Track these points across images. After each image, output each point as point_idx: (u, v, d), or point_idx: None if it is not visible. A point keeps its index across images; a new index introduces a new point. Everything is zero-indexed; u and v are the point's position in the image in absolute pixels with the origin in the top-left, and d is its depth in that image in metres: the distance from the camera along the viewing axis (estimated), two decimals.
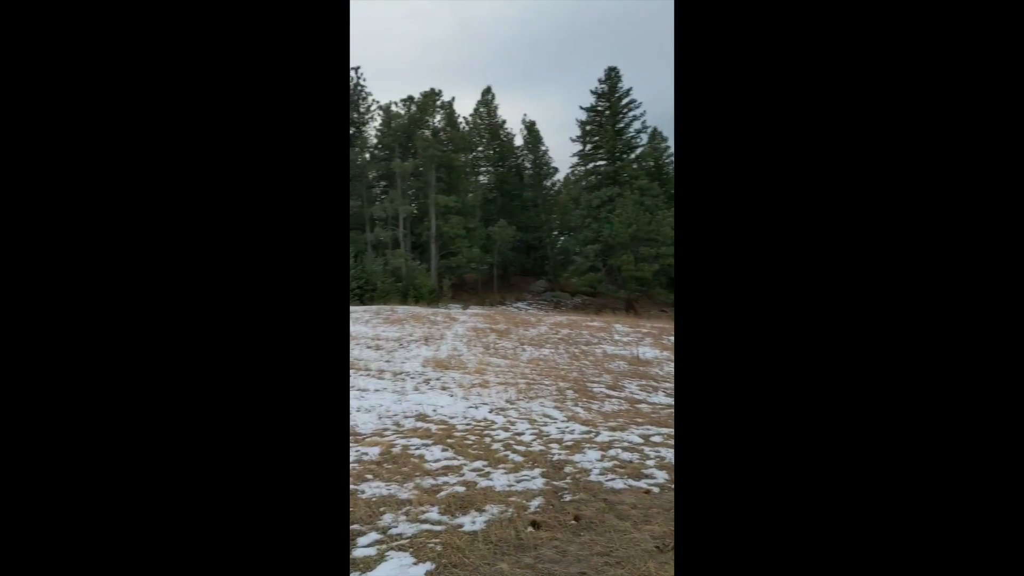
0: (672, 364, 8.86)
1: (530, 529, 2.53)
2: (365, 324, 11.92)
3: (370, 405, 5.14)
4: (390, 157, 25.64)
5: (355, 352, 8.57)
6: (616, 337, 11.99)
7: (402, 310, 15.30)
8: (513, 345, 10.44)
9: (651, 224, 21.47)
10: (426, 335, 10.91)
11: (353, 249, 21.53)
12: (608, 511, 2.79)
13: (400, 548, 2.31)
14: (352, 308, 14.98)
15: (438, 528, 2.53)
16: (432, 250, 24.16)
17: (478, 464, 3.55)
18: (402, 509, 2.74)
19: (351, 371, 6.81)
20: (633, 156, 25.34)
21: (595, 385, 6.66)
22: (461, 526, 2.55)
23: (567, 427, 4.60)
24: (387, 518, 2.63)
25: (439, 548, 2.31)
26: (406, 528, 2.52)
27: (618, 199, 22.22)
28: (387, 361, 8.01)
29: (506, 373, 7.37)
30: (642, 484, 3.23)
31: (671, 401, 5.91)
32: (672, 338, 12.47)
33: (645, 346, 10.76)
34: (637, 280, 21.97)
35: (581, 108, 25.48)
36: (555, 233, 29.20)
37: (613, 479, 3.32)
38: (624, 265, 21.21)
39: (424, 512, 2.70)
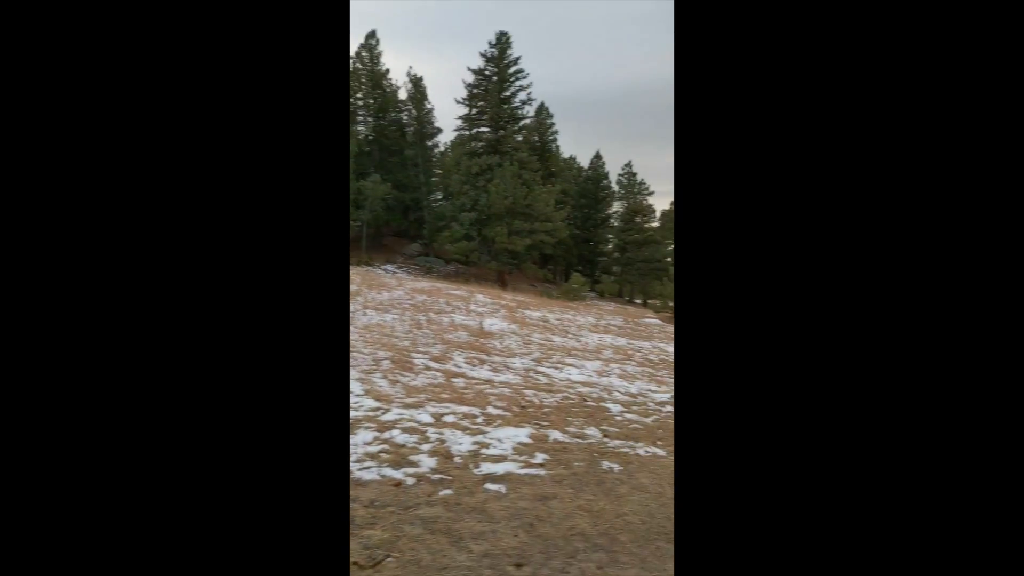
0: (515, 337, 8.72)
1: None
2: None
3: None
4: None
5: None
6: (472, 307, 11.68)
7: None
8: (356, 308, 9.65)
9: (527, 199, 21.44)
10: None
11: None
12: None
13: None
14: None
15: None
16: None
17: None
18: None
19: None
20: (517, 127, 25.03)
21: (420, 356, 6.19)
22: None
23: (358, 402, 4.07)
24: None
25: None
26: None
27: (497, 169, 21.85)
28: None
29: None
30: (398, 474, 2.80)
31: (492, 376, 5.64)
32: (527, 312, 12.48)
33: (496, 318, 10.56)
34: (510, 253, 21.96)
35: (469, 70, 24.55)
36: (438, 196, 28.22)
37: (368, 467, 2.85)
38: (498, 236, 21.03)
39: None
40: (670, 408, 5.09)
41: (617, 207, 32.92)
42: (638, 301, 28.14)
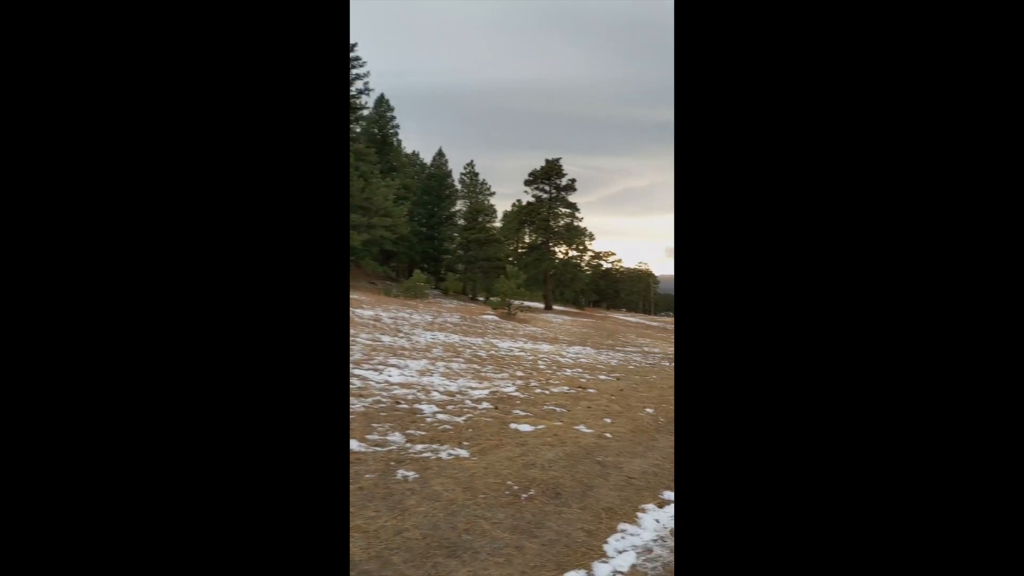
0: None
1: None
2: None
3: None
4: None
5: None
6: None
7: None
8: None
9: (364, 192, 20.44)
10: None
11: None
12: None
13: None
14: None
15: None
16: None
17: None
18: None
19: None
20: (353, 117, 23.77)
21: None
22: None
23: None
24: None
25: None
26: None
27: None
28: None
29: None
30: None
31: None
32: (358, 310, 11.80)
33: None
34: None
35: None
36: None
37: None
38: None
39: None
40: (486, 405, 5.02)
41: (460, 206, 33.16)
42: (481, 298, 28.62)
